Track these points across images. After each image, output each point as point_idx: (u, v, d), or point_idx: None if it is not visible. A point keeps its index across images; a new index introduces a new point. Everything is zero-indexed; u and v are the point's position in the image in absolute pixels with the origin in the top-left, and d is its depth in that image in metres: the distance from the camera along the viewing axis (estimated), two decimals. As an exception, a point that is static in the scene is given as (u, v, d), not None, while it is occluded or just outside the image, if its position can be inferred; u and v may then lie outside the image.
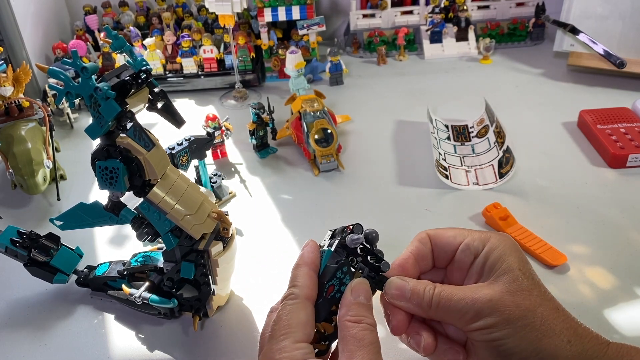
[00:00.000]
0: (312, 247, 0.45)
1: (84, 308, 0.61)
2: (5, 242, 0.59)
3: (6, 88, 0.81)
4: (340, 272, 0.42)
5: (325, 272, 0.43)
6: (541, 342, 0.37)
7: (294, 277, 0.43)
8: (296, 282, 0.42)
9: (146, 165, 0.49)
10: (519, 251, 0.42)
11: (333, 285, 0.42)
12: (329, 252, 0.43)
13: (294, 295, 0.41)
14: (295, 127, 0.87)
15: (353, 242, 0.42)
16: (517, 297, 0.38)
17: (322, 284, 0.42)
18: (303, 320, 0.40)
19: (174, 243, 0.52)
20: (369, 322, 0.39)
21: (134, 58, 0.49)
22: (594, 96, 0.99)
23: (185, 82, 1.12)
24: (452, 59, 1.20)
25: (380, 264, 0.43)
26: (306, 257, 0.44)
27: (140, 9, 1.30)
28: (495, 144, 0.81)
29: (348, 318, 0.39)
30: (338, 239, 0.43)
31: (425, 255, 0.45)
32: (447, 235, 0.45)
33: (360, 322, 0.39)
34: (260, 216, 0.74)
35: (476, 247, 0.43)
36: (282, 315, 0.40)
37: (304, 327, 0.39)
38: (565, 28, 1.04)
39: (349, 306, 0.40)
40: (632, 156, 0.77)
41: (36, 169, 0.77)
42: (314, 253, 0.44)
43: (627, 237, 0.66)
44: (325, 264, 0.43)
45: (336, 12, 1.34)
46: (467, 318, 0.39)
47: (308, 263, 0.43)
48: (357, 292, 0.41)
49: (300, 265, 0.43)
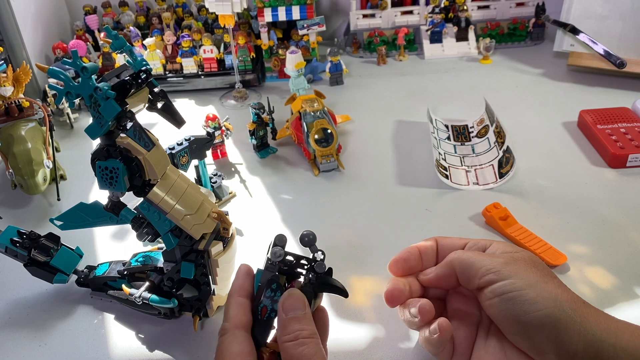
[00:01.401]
0: (242, 272, 0.44)
1: (84, 308, 0.61)
2: (5, 242, 0.59)
3: (6, 88, 0.81)
4: (269, 290, 0.41)
5: (257, 294, 0.42)
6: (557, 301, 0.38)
7: (225, 309, 0.42)
8: (227, 315, 0.41)
9: (146, 165, 0.49)
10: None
11: (265, 307, 0.41)
12: (259, 272, 0.42)
13: (223, 330, 0.41)
14: (295, 127, 0.87)
15: (275, 256, 0.42)
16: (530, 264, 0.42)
17: (256, 307, 0.41)
18: (237, 351, 0.39)
19: (174, 243, 0.52)
20: (306, 334, 0.39)
21: (134, 58, 0.49)
22: (594, 96, 0.99)
23: (185, 82, 1.12)
24: (452, 59, 1.20)
25: (315, 265, 0.41)
26: (235, 284, 0.43)
27: (140, 9, 1.30)
28: (495, 144, 0.81)
29: (284, 338, 0.39)
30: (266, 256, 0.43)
31: (430, 253, 0.49)
32: (454, 241, 0.49)
33: (297, 338, 0.38)
34: (260, 216, 0.74)
35: (482, 245, 0.46)
36: (218, 353, 0.39)
37: (241, 357, 0.38)
38: (565, 28, 1.04)
39: (282, 325, 0.39)
40: (632, 156, 0.77)
41: (36, 169, 0.76)
42: (242, 278, 0.43)
43: (627, 237, 0.66)
44: (258, 285, 0.42)
45: (336, 12, 1.34)
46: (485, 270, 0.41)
47: (236, 290, 0.43)
48: (287, 307, 0.40)
49: (229, 295, 0.43)
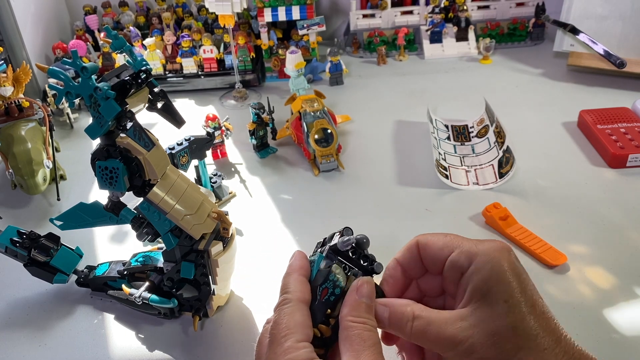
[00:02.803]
0: (299, 256, 0.44)
1: (84, 308, 0.61)
2: (5, 242, 0.59)
3: (6, 88, 0.81)
4: (333, 274, 0.42)
5: (317, 276, 0.42)
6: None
7: (285, 284, 0.42)
8: (288, 289, 0.41)
9: (146, 165, 0.49)
10: (513, 270, 0.37)
11: (327, 288, 0.41)
12: (320, 257, 0.43)
13: (287, 300, 0.41)
14: (295, 127, 0.87)
15: (344, 245, 0.42)
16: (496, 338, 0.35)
17: (315, 287, 0.42)
18: (300, 321, 0.39)
19: (174, 243, 0.52)
20: (372, 324, 0.39)
21: (134, 58, 0.49)
22: (594, 96, 0.99)
23: (185, 82, 1.12)
24: (452, 59, 1.20)
25: (374, 266, 0.43)
26: (294, 264, 0.43)
27: (140, 9, 1.30)
28: (495, 144, 0.81)
29: (351, 318, 0.39)
30: (328, 245, 0.43)
31: (413, 263, 0.44)
32: (436, 247, 0.42)
33: (365, 323, 0.39)
34: (260, 216, 0.74)
35: (461, 265, 0.39)
36: (280, 319, 0.39)
37: (303, 327, 0.39)
38: (565, 28, 1.04)
39: (352, 305, 0.40)
40: (632, 156, 0.77)
41: (36, 169, 0.76)
42: (301, 260, 0.44)
43: (627, 237, 0.66)
44: (318, 269, 0.43)
45: (336, 12, 1.34)
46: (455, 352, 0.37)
47: (297, 269, 0.43)
48: (361, 291, 0.40)
49: (290, 272, 0.43)
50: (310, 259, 0.44)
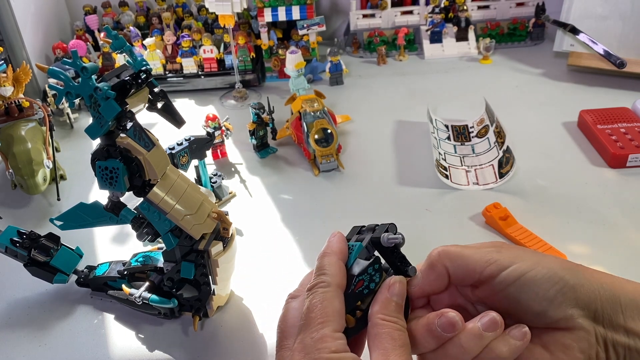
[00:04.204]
0: (340, 238, 0.43)
1: (84, 308, 0.61)
2: (5, 242, 0.59)
3: (6, 88, 0.81)
4: (371, 268, 0.40)
5: (355, 266, 0.41)
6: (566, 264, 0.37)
7: (321, 265, 0.40)
8: (325, 271, 0.40)
9: (146, 165, 0.49)
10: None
11: (363, 281, 0.40)
12: (360, 246, 0.42)
13: (325, 283, 0.39)
14: (295, 127, 0.87)
15: (389, 242, 0.41)
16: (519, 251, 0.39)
17: (351, 276, 0.41)
18: (338, 308, 0.38)
19: (174, 243, 0.52)
20: (402, 324, 0.38)
21: (134, 58, 0.49)
22: (594, 96, 0.99)
23: (185, 82, 1.12)
24: (452, 59, 1.20)
25: (408, 269, 0.42)
26: (334, 246, 0.42)
27: (140, 9, 1.30)
28: (495, 144, 0.81)
29: (382, 316, 0.38)
30: (370, 236, 0.43)
31: (434, 279, 0.41)
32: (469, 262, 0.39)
33: (395, 322, 0.38)
34: (260, 216, 0.74)
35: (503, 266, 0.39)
36: (317, 303, 0.38)
37: (340, 316, 0.38)
38: (565, 28, 1.04)
39: (384, 303, 0.39)
40: (632, 156, 0.77)
41: (36, 169, 0.76)
42: (342, 243, 0.42)
43: (627, 237, 0.66)
44: (356, 258, 0.41)
45: (336, 12, 1.34)
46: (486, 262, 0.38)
47: (336, 252, 0.41)
48: (393, 290, 0.39)
49: (328, 253, 0.41)
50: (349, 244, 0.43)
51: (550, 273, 0.37)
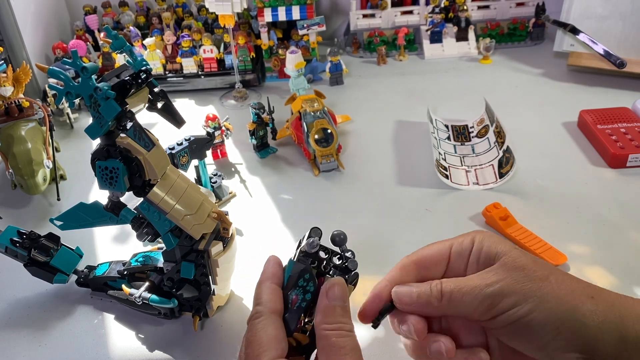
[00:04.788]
0: (272, 261, 0.44)
1: (84, 308, 0.61)
2: (5, 242, 0.59)
3: (6, 88, 0.81)
4: (302, 280, 0.40)
5: (288, 284, 0.41)
6: (566, 305, 0.36)
7: (257, 295, 0.41)
8: (259, 300, 0.41)
9: (146, 165, 0.49)
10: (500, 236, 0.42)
11: (297, 295, 0.40)
12: (290, 262, 0.42)
13: (259, 314, 0.40)
14: (295, 127, 0.87)
15: (311, 247, 0.41)
16: (527, 271, 0.38)
17: (287, 295, 0.41)
18: (274, 335, 0.38)
19: (174, 243, 0.52)
20: (348, 327, 0.38)
21: (134, 58, 0.49)
22: (594, 96, 0.99)
23: (185, 82, 1.12)
24: (452, 59, 1.20)
25: (348, 263, 0.41)
26: (267, 271, 0.43)
27: (140, 9, 1.30)
28: (495, 144, 0.81)
29: (325, 326, 0.38)
30: (299, 248, 0.42)
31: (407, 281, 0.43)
32: (431, 255, 0.43)
33: (339, 329, 0.38)
34: (260, 216, 0.74)
35: (465, 247, 0.42)
36: (252, 336, 0.38)
37: (277, 342, 0.38)
38: (565, 28, 1.04)
39: (325, 312, 0.39)
40: (632, 156, 0.77)
41: (36, 169, 0.76)
42: (274, 267, 0.43)
43: (627, 237, 0.66)
44: (289, 275, 0.41)
45: (336, 12, 1.34)
46: (485, 305, 0.38)
47: (269, 277, 0.42)
48: (332, 294, 0.39)
49: (261, 281, 0.42)
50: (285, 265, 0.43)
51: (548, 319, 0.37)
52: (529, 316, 0.37)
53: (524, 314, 0.37)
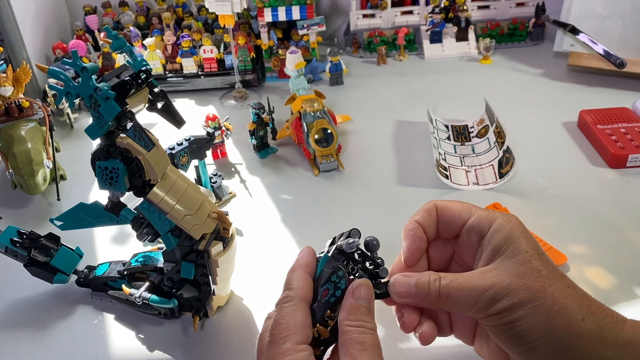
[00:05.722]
0: (307, 252, 0.45)
1: (84, 308, 0.61)
2: (5, 242, 0.59)
3: (6, 88, 0.81)
4: (335, 276, 0.41)
5: (320, 276, 0.42)
6: (554, 322, 0.37)
7: (288, 280, 0.42)
8: (291, 285, 0.42)
9: (146, 165, 0.49)
10: (526, 231, 0.41)
11: (327, 289, 0.41)
12: (325, 257, 0.43)
13: (289, 298, 0.41)
14: (295, 127, 0.87)
15: (349, 247, 0.42)
16: (526, 280, 0.38)
17: (317, 287, 0.42)
18: (301, 321, 0.39)
19: (174, 243, 0.52)
20: (370, 326, 0.39)
21: (134, 58, 0.49)
22: (594, 96, 0.99)
23: (185, 82, 1.12)
24: (452, 59, 1.20)
25: (379, 270, 0.42)
26: (301, 260, 0.44)
27: (140, 9, 1.30)
28: (495, 144, 0.81)
29: (349, 322, 0.39)
30: (335, 245, 0.43)
31: (430, 225, 0.45)
32: (454, 211, 0.44)
33: (362, 327, 0.38)
34: (260, 216, 0.74)
35: (481, 228, 0.42)
36: (280, 319, 0.39)
37: (303, 328, 0.39)
38: (565, 28, 1.04)
39: (349, 309, 0.39)
40: (632, 156, 0.77)
41: (36, 169, 0.76)
42: (308, 257, 0.44)
43: (627, 237, 0.66)
44: (322, 268, 0.42)
45: (336, 12, 1.34)
46: (480, 306, 0.38)
47: (302, 266, 0.43)
48: (358, 294, 0.40)
49: (294, 268, 0.43)
50: (317, 257, 0.44)
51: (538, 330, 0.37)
52: (515, 323, 0.37)
53: (511, 320, 0.37)
